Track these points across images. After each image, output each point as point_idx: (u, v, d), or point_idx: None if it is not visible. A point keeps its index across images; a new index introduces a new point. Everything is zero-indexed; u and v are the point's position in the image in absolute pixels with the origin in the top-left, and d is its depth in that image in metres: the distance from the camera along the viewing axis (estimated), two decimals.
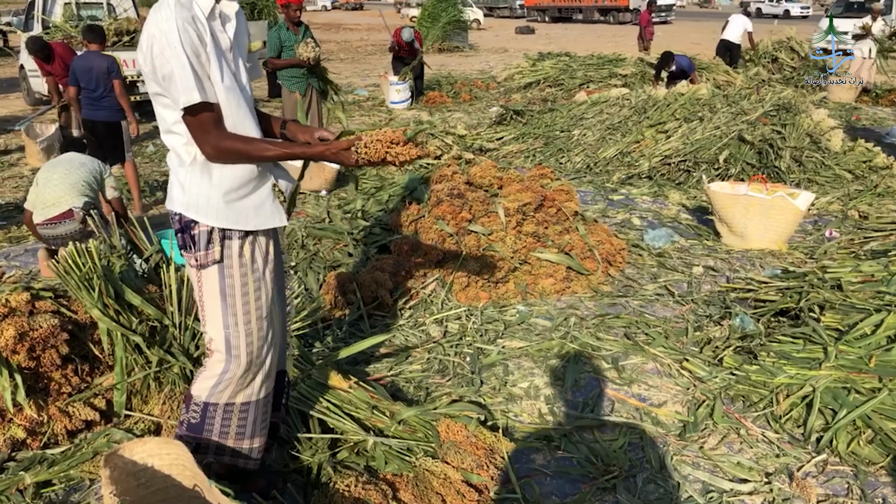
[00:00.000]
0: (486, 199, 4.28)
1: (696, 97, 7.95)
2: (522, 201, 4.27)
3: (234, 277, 2.08)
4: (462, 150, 7.44)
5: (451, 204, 4.10)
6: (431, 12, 23.91)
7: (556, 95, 11.91)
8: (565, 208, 4.48)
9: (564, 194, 4.51)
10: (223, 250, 2.05)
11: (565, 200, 4.50)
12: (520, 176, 4.54)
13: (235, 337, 2.10)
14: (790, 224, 5.25)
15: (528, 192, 4.28)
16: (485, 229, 4.12)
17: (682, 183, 7.03)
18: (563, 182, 4.71)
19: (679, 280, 4.68)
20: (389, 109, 11.87)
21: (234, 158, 2.00)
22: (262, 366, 2.18)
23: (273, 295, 2.21)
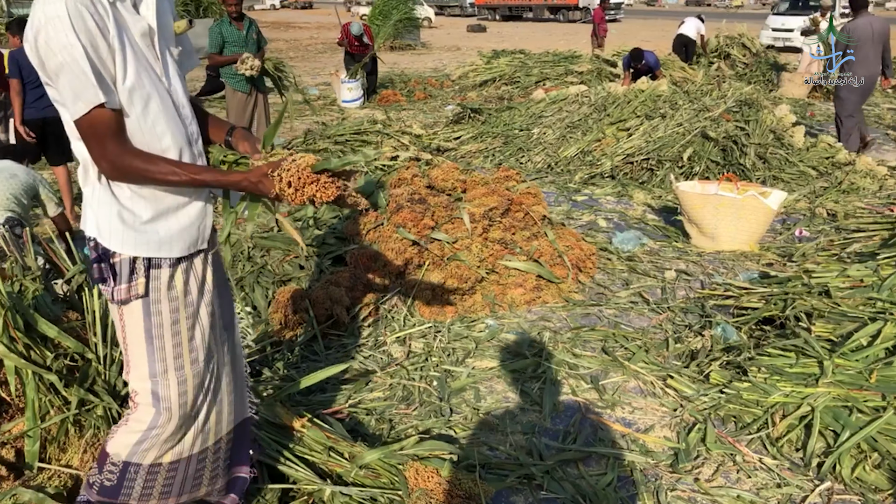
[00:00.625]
0: (449, 205, 3.96)
1: (656, 94, 7.77)
2: (488, 206, 3.97)
3: (162, 315, 1.72)
4: (419, 151, 7.11)
5: (413, 210, 3.78)
6: (382, 10, 23.42)
7: (512, 93, 11.67)
8: (533, 212, 4.19)
9: (532, 197, 4.22)
10: (149, 282, 1.69)
11: (533, 204, 4.22)
12: (484, 179, 4.24)
13: (165, 387, 1.74)
14: (762, 224, 5.08)
15: (494, 196, 3.98)
16: (449, 237, 3.81)
17: (646, 182, 6.84)
18: (529, 184, 4.43)
19: (652, 286, 4.44)
20: (341, 108, 11.46)
21: (135, 179, 1.63)
22: (195, 418, 1.82)
23: (215, 331, 1.85)
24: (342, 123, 7.59)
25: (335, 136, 7.18)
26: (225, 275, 1.97)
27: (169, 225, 1.70)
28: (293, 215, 4.58)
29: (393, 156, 6.94)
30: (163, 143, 1.67)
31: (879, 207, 5.96)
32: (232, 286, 1.87)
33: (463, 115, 8.63)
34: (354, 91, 11.45)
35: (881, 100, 11.92)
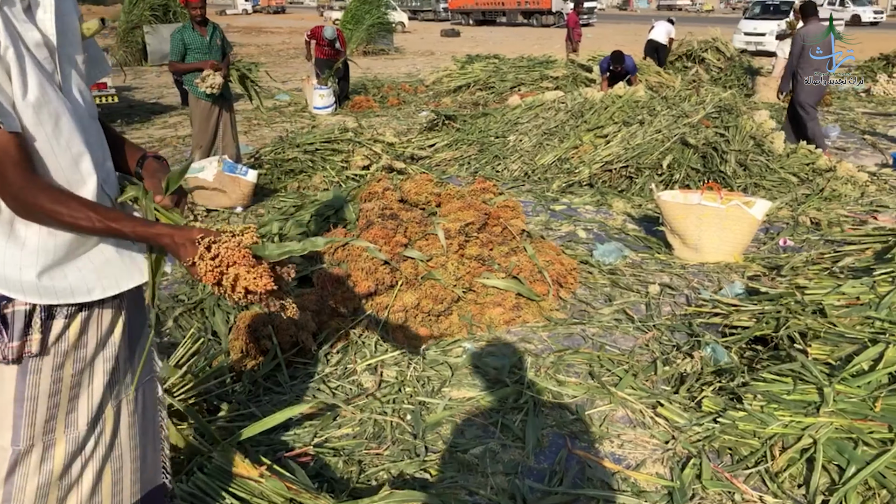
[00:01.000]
0: (423, 220, 3.73)
1: (633, 99, 7.63)
2: (464, 221, 3.75)
3: (41, 373, 1.43)
4: (392, 160, 6.88)
5: (384, 227, 3.54)
6: (355, 14, 23.22)
7: (487, 99, 11.48)
8: (511, 226, 3.98)
9: (509, 211, 4.01)
10: (45, 337, 1.42)
11: (511, 218, 4.01)
12: (460, 191, 4.02)
13: (24, 464, 1.44)
14: (746, 235, 4.92)
15: (471, 211, 3.76)
16: (423, 255, 3.58)
17: (625, 190, 6.67)
18: (507, 197, 4.22)
19: (636, 302, 4.25)
20: (313, 115, 11.19)
21: (40, 219, 1.38)
22: (74, 488, 1.51)
23: (114, 388, 1.57)
24: (312, 132, 7.33)
25: (304, 145, 6.92)
26: (146, 319, 1.70)
27: (77, 266, 1.43)
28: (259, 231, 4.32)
29: (365, 165, 6.71)
30: (81, 167, 1.42)
31: (862, 215, 5.85)
32: (152, 328, 1.55)
33: (437, 121, 8.41)
34: (326, 97, 11.19)
35: (855, 104, 11.94)
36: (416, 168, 7.27)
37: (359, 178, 6.61)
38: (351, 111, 11.47)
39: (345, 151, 6.82)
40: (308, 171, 6.64)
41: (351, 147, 6.82)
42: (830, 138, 9.09)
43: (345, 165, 6.69)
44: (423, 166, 7.60)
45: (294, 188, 6.58)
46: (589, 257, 4.97)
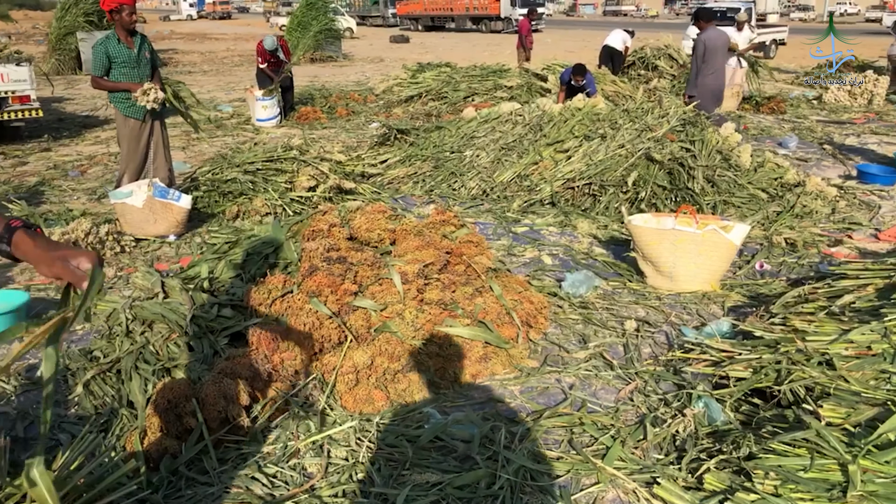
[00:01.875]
0: (375, 261, 3.26)
1: (594, 112, 7.29)
2: (423, 261, 3.29)
3: None
4: (340, 179, 6.38)
5: (329, 272, 3.06)
6: (301, 21, 22.58)
7: (440, 109, 11.06)
8: (476, 264, 3.54)
9: (473, 247, 3.57)
10: None
11: (475, 254, 3.56)
12: (417, 227, 3.55)
13: None
14: (724, 261, 4.59)
15: (430, 249, 3.31)
16: (376, 304, 3.10)
17: (589, 209, 6.31)
18: (469, 230, 3.77)
19: (613, 342, 3.86)
20: (256, 128, 10.59)
21: None
22: None
23: None
24: (253, 150, 6.78)
25: (245, 165, 6.37)
26: None
27: None
28: (185, 273, 3.78)
29: (311, 186, 6.19)
30: None
31: (836, 234, 5.60)
32: None
33: (388, 135, 7.93)
34: (270, 109, 10.60)
35: (808, 111, 11.91)
36: (367, 187, 6.79)
37: (304, 200, 6.09)
38: (297, 123, 10.91)
39: (289, 171, 6.29)
40: (249, 194, 6.09)
41: (296, 166, 6.30)
42: (790, 149, 8.94)
43: (289, 186, 6.16)
44: (374, 184, 7.12)
45: (233, 212, 6.03)
46: (557, 289, 4.56)
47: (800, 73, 17.67)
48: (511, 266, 5.07)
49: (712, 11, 8.32)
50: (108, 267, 5.06)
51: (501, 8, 42.62)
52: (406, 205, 6.61)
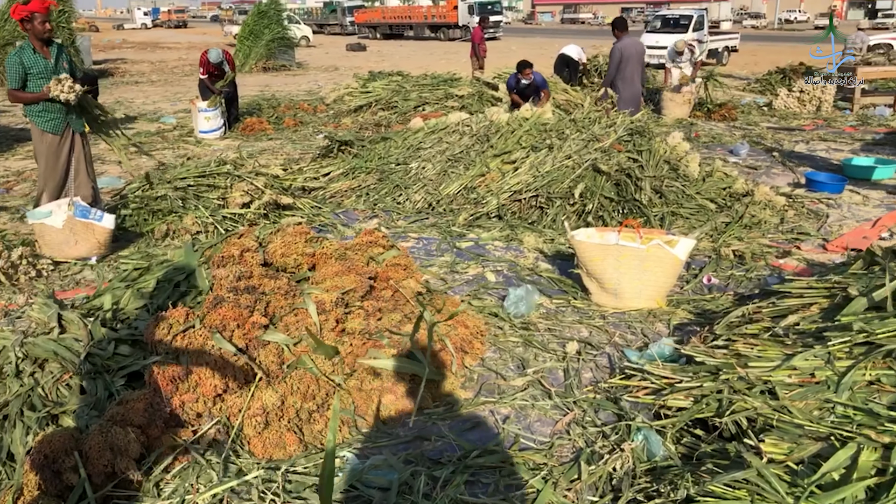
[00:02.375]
0: (290, 289, 3.00)
1: (541, 122, 7.13)
2: (343, 288, 3.04)
3: None
4: (277, 194, 6.09)
5: (236, 304, 2.79)
6: (253, 29, 22.20)
7: (389, 119, 10.83)
8: (404, 289, 3.30)
9: (401, 270, 3.33)
10: None
11: (403, 278, 3.33)
12: (338, 249, 3.30)
13: None
14: (669, 277, 4.43)
15: (351, 276, 3.06)
16: (288, 338, 2.85)
17: (536, 222, 6.13)
18: (399, 251, 3.54)
19: (553, 367, 3.66)
20: (199, 140, 10.22)
21: None
22: None
23: None
24: (186, 164, 6.45)
25: (176, 181, 6.04)
26: None
27: None
28: (89, 304, 3.46)
29: (245, 202, 5.90)
30: None
31: (785, 244, 5.51)
32: None
33: (332, 147, 7.67)
34: (213, 120, 10.24)
35: (759, 118, 11.96)
36: (308, 202, 6.52)
37: (238, 217, 5.79)
38: (241, 134, 10.57)
39: (223, 187, 5.99)
40: (179, 212, 5.76)
41: (229, 182, 6.00)
42: (740, 156, 8.91)
43: (222, 203, 5.86)
44: (316, 198, 6.85)
45: (163, 231, 5.70)
46: (499, 309, 4.35)
47: (751, 79, 17.88)
48: (453, 284, 4.85)
49: (626, 21, 8.87)
50: (20, 294, 4.70)
51: (459, 16, 42.65)
52: (348, 219, 6.35)
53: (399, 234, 5.93)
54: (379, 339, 3.12)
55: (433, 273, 5.06)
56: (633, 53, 8.61)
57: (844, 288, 3.08)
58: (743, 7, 77.72)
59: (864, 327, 2.63)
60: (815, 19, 64.34)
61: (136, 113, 13.05)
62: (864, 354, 2.62)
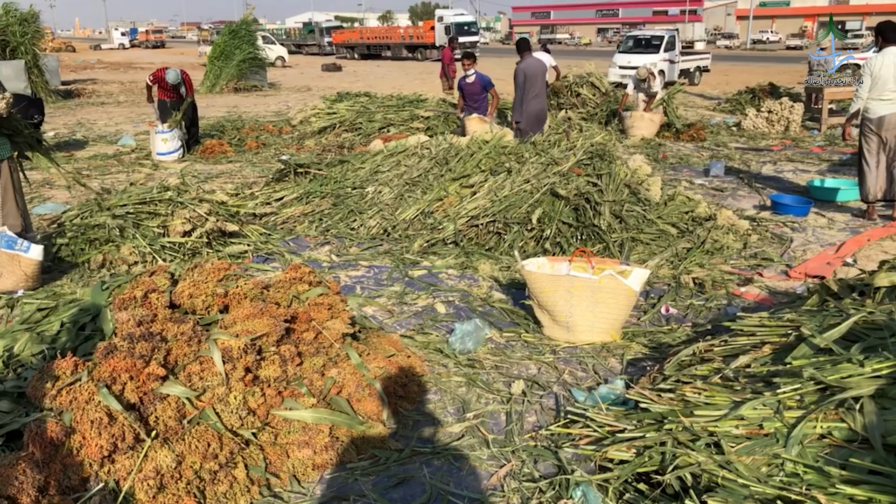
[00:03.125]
0: (196, 334, 2.74)
1: (501, 144, 6.94)
2: (255, 333, 2.78)
3: None
4: (223, 221, 5.82)
5: (130, 354, 2.52)
6: (224, 50, 21.95)
7: (353, 141, 10.61)
8: (328, 330, 3.05)
9: (325, 310, 3.07)
10: None
11: (327, 318, 3.07)
12: (254, 288, 3.04)
13: None
14: (623, 309, 4.21)
15: (264, 319, 2.80)
16: (189, 391, 2.58)
17: (493, 248, 5.90)
18: (327, 287, 3.28)
19: (495, 410, 3.41)
20: (155, 163, 9.91)
21: None
22: None
23: None
24: (127, 190, 6.16)
25: (116, 208, 5.75)
26: None
27: None
28: None
29: (186, 230, 5.62)
30: None
31: (747, 272, 5.33)
32: None
33: (287, 171, 7.41)
34: (170, 142, 9.95)
35: (728, 138, 11.89)
36: (256, 228, 6.25)
37: (178, 246, 5.51)
38: (201, 157, 10.28)
39: (164, 214, 5.71)
40: (117, 240, 5.47)
41: (171, 209, 5.72)
42: (714, 176, 8.79)
43: (162, 232, 5.57)
44: (268, 224, 6.58)
45: (98, 262, 5.40)
46: (444, 344, 4.11)
47: (721, 99, 17.93)
48: (400, 317, 4.60)
49: (528, 41, 9.07)
50: None
51: (436, 37, 42.82)
52: (298, 247, 6.09)
53: (350, 262, 5.68)
54: (297, 388, 2.86)
55: (380, 304, 4.81)
56: (538, 72, 8.79)
57: (798, 327, 2.87)
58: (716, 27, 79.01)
59: (815, 375, 2.41)
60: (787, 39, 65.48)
61: (96, 135, 12.72)
62: (815, 403, 2.40)
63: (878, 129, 6.45)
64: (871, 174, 6.56)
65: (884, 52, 6.40)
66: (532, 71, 8.71)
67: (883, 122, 6.40)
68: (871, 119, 6.46)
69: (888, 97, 6.36)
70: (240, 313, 2.80)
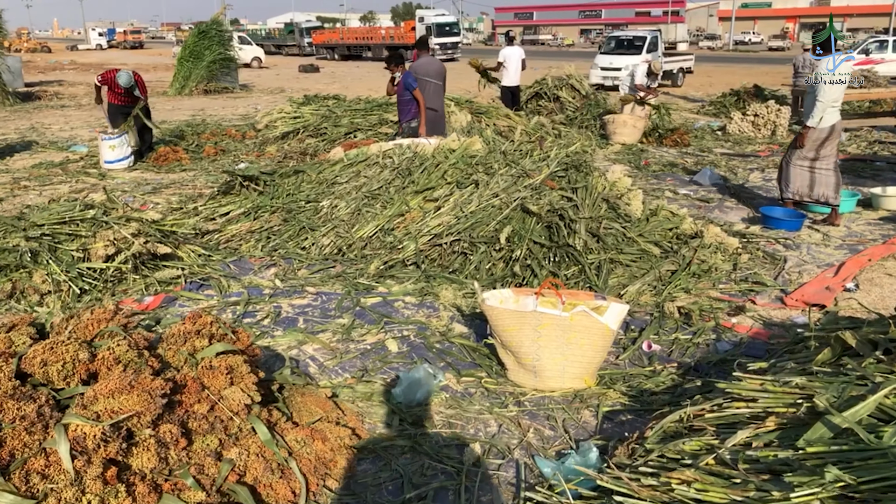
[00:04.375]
0: (43, 417, 2.11)
1: (469, 154, 6.35)
2: (123, 411, 2.16)
3: None
4: (154, 244, 5.18)
5: None
6: (193, 50, 21.20)
7: (317, 147, 9.97)
8: (227, 400, 2.43)
9: (220, 376, 2.46)
10: None
11: (223, 385, 2.46)
12: (132, 351, 2.42)
13: None
14: (598, 350, 3.63)
15: (135, 394, 2.18)
16: (21, 500, 1.96)
17: (458, 271, 5.31)
18: (236, 343, 2.67)
19: (443, 486, 2.81)
20: (103, 172, 9.22)
21: None
22: None
23: None
24: (48, 207, 5.50)
25: (32, 228, 5.09)
26: None
27: None
28: None
29: (109, 254, 4.98)
30: None
31: (738, 298, 4.77)
32: None
33: (233, 183, 6.77)
34: (119, 149, 9.26)
35: (713, 143, 11.39)
36: (194, 249, 5.61)
37: (99, 273, 4.87)
38: (153, 165, 9.60)
39: (87, 235, 5.06)
40: (29, 266, 4.82)
41: (94, 229, 5.07)
42: (703, 185, 8.26)
43: (82, 256, 4.93)
44: (210, 242, 5.94)
45: (7, 291, 4.75)
46: (389, 396, 3.51)
47: (705, 101, 17.48)
48: (344, 358, 3.99)
49: (426, 40, 8.72)
50: None
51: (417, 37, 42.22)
52: (241, 270, 5.46)
53: (295, 289, 5.06)
54: (182, 479, 2.25)
55: (322, 342, 4.20)
56: (431, 72, 8.12)
57: (810, 396, 2.30)
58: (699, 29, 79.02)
59: (841, 476, 1.84)
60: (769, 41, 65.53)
61: (46, 140, 11.99)
62: None
63: (827, 137, 6.45)
64: (800, 176, 6.67)
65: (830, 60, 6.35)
66: (424, 70, 8.01)
67: (834, 130, 6.46)
68: (823, 128, 6.43)
69: (836, 105, 6.42)
70: (108, 385, 2.18)
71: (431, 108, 8.11)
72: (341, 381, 3.67)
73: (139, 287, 4.93)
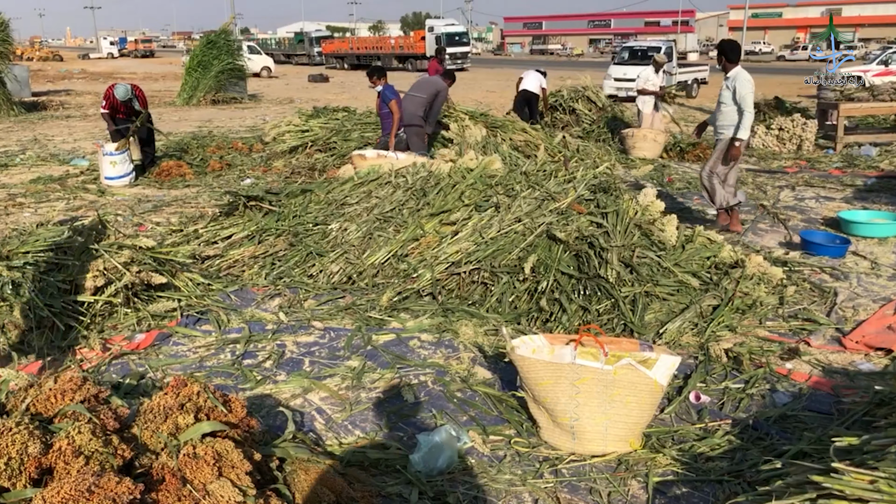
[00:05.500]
0: None
1: (488, 174, 5.92)
2: None
3: None
4: (148, 272, 4.77)
5: None
6: (201, 60, 20.91)
7: (326, 162, 9.56)
8: (213, 496, 1.99)
9: (210, 464, 2.01)
10: None
11: (210, 479, 2.02)
12: (93, 440, 1.99)
13: None
14: (646, 409, 3.18)
15: (96, 501, 1.75)
16: None
17: (478, 303, 4.87)
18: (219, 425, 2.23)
19: None
20: (103, 188, 8.84)
21: None
22: None
23: None
24: (34, 232, 5.09)
25: (16, 256, 4.68)
26: None
27: None
28: None
29: (99, 286, 4.56)
30: None
31: (790, 338, 4.31)
32: None
33: (237, 204, 6.35)
34: (120, 165, 8.88)
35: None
36: (194, 277, 5.19)
37: (87, 306, 4.45)
38: (156, 180, 9.21)
39: (74, 264, 4.64)
40: (10, 299, 4.40)
41: (83, 258, 4.66)
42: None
43: (69, 288, 4.51)
44: (209, 270, 5.52)
45: None
46: (405, 460, 3.06)
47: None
48: (355, 410, 3.55)
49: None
50: None
51: (427, 47, 42.02)
52: (241, 301, 5.04)
53: (301, 324, 4.63)
54: None
55: (330, 390, 3.76)
56: (414, 85, 8.48)
57: None
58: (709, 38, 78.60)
59: None
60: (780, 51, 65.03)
61: (48, 153, 11.63)
62: None
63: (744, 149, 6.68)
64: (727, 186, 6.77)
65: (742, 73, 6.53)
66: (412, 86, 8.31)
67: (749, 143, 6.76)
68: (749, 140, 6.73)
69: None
70: (55, 494, 1.74)
71: (412, 124, 8.17)
72: (351, 443, 3.22)
73: (130, 322, 4.51)
